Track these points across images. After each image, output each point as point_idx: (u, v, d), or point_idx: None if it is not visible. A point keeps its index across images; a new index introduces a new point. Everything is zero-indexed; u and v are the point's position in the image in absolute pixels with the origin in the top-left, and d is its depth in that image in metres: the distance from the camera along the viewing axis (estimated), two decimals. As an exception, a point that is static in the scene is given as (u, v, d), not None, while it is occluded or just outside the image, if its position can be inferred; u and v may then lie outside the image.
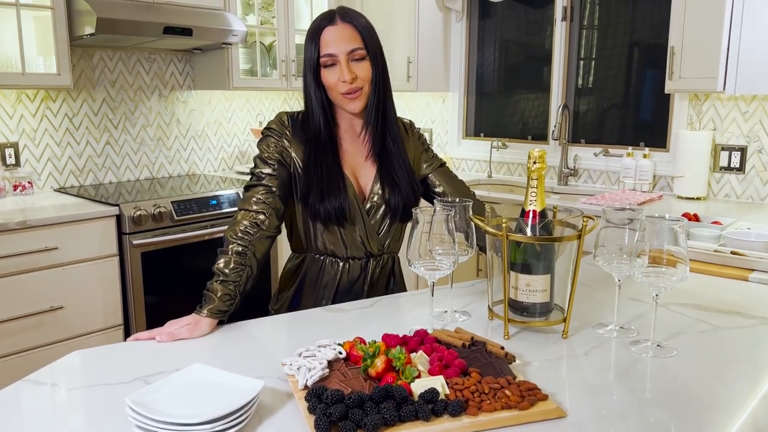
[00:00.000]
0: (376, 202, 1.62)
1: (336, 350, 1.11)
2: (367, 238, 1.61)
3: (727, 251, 1.86)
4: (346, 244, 1.61)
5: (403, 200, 1.60)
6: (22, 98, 3.05)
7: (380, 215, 1.63)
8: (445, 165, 1.78)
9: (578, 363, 1.21)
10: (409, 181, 1.62)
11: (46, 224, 2.56)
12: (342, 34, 1.50)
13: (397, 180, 1.61)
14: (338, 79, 1.51)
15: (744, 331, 1.38)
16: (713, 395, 1.08)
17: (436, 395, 0.97)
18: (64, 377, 1.16)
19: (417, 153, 1.72)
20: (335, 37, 1.50)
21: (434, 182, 1.72)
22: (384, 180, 1.62)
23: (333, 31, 1.51)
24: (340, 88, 1.52)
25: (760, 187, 3.01)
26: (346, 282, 1.64)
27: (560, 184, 3.60)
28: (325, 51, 1.51)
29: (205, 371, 1.05)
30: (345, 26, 1.51)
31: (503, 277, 1.30)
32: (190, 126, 3.72)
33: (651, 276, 1.23)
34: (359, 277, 1.64)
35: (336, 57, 1.50)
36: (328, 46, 1.50)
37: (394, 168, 1.62)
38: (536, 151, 1.30)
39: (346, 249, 1.62)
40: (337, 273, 1.63)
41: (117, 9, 2.84)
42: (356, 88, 1.53)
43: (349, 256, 1.63)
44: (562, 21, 3.61)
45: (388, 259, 1.68)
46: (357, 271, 1.64)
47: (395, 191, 1.61)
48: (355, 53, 1.51)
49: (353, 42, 1.51)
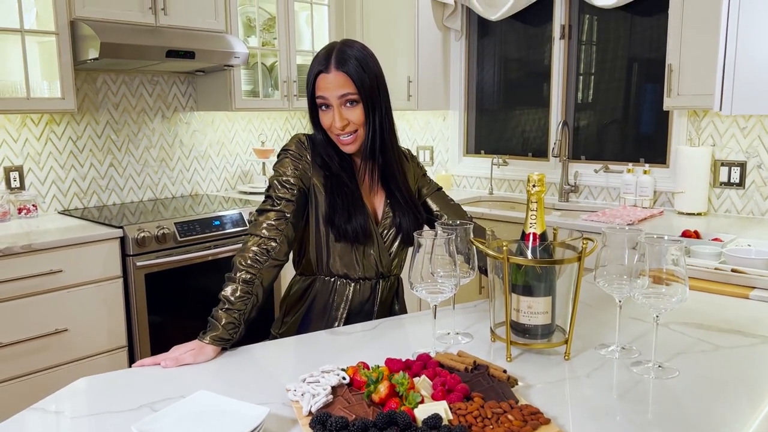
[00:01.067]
0: (387, 225, 1.66)
1: (339, 375, 1.12)
2: (380, 258, 1.65)
3: (728, 269, 1.87)
4: (362, 264, 1.63)
5: (410, 224, 1.65)
6: (26, 122, 3.08)
7: (392, 237, 1.67)
8: (441, 189, 1.83)
9: (580, 384, 1.22)
10: (413, 207, 1.68)
11: (51, 247, 2.58)
12: (334, 82, 1.53)
13: (406, 206, 1.67)
14: (331, 123, 1.56)
15: (744, 350, 1.38)
16: (714, 417, 1.09)
17: (439, 421, 0.98)
18: (70, 405, 1.17)
19: (417, 178, 1.78)
20: (327, 84, 1.53)
21: (432, 206, 1.77)
22: (394, 204, 1.67)
23: (326, 78, 1.54)
24: (333, 131, 1.57)
25: (761, 202, 3.02)
26: (357, 303, 1.66)
27: (561, 201, 3.62)
28: (319, 94, 1.55)
29: (210, 398, 1.06)
30: (338, 74, 1.52)
31: (505, 300, 1.31)
32: (192, 147, 3.76)
33: (651, 297, 1.24)
34: (369, 298, 1.67)
35: (328, 100, 1.55)
36: (322, 90, 1.55)
37: (402, 194, 1.67)
38: (536, 175, 1.31)
39: (360, 270, 1.64)
40: (348, 294, 1.65)
41: (120, 33, 2.88)
42: (349, 132, 1.56)
43: (361, 277, 1.65)
44: (560, 39, 3.65)
45: (394, 280, 1.72)
46: (367, 292, 1.66)
47: (404, 216, 1.66)
48: (347, 97, 1.53)
49: (345, 88, 1.53)
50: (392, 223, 1.66)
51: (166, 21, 3.11)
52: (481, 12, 3.79)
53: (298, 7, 3.85)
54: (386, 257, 1.66)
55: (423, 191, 1.78)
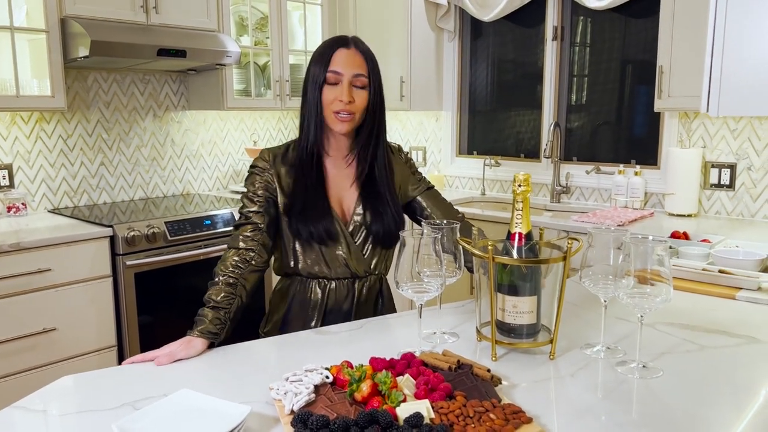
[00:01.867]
0: (357, 224, 1.66)
1: (323, 375, 1.12)
2: (351, 258, 1.65)
3: (715, 270, 1.87)
4: (329, 264, 1.64)
5: (384, 228, 1.65)
6: (16, 120, 3.07)
7: (363, 237, 1.66)
8: (433, 188, 1.82)
9: (564, 384, 1.22)
10: (392, 211, 1.66)
11: (40, 246, 2.57)
12: (353, 59, 1.59)
13: (381, 208, 1.65)
14: (336, 98, 1.57)
15: (729, 350, 1.39)
16: (697, 416, 1.09)
17: (420, 420, 0.98)
18: (54, 403, 1.17)
19: (404, 176, 1.77)
20: (345, 59, 1.58)
21: (421, 205, 1.76)
22: (366, 205, 1.66)
23: (345, 53, 1.58)
24: (334, 106, 1.58)
25: (750, 203, 3.03)
26: (333, 303, 1.66)
27: (553, 202, 3.62)
28: (333, 68, 1.57)
29: (192, 397, 1.05)
30: (357, 53, 1.60)
31: (490, 299, 1.31)
32: (184, 146, 3.75)
33: (635, 297, 1.24)
34: (346, 298, 1.67)
35: (341, 76, 1.57)
36: (337, 64, 1.57)
37: (379, 196, 1.66)
38: (521, 174, 1.31)
39: (330, 270, 1.65)
40: (324, 294, 1.66)
41: (111, 32, 2.87)
42: (349, 111, 1.59)
43: (334, 277, 1.66)
44: (552, 40, 3.65)
45: (375, 280, 1.71)
46: (343, 292, 1.67)
47: (377, 218, 1.65)
48: (359, 79, 1.59)
49: (360, 68, 1.59)
50: (362, 222, 1.66)
51: (158, 19, 3.11)
52: (474, 13, 3.80)
53: (291, 7, 3.85)
54: (358, 258, 1.65)
55: (411, 188, 1.77)
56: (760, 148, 2.98)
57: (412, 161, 1.82)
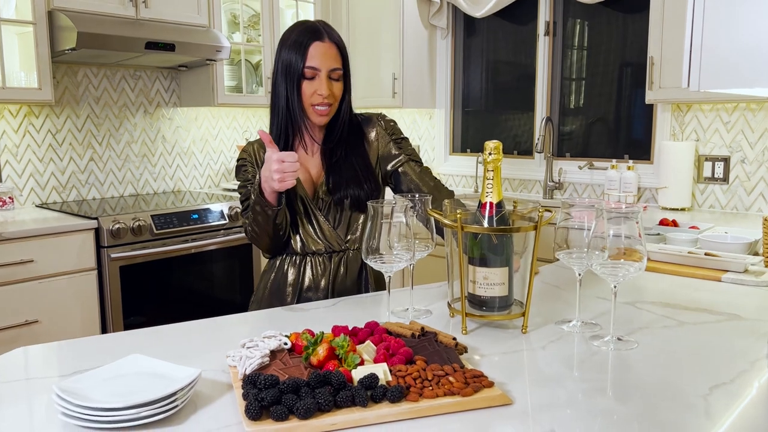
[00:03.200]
0: (325, 196, 1.64)
1: (281, 341, 1.09)
2: (322, 231, 1.64)
3: (701, 253, 1.83)
4: (303, 240, 1.63)
5: (352, 196, 1.63)
6: (4, 114, 3.06)
7: (332, 208, 1.65)
8: (414, 162, 1.74)
9: (534, 355, 1.18)
10: (361, 177, 1.64)
11: (22, 237, 2.54)
12: (328, 53, 1.59)
13: (349, 177, 1.63)
14: (315, 91, 1.59)
15: (709, 326, 1.34)
16: (667, 384, 1.05)
17: (375, 381, 0.94)
18: (2, 372, 1.13)
19: (384, 145, 1.72)
20: (321, 54, 1.58)
21: (405, 178, 1.71)
22: (334, 176, 1.64)
23: (321, 47, 1.59)
24: (313, 100, 1.60)
25: (744, 197, 2.99)
26: (309, 280, 1.64)
27: (545, 198, 3.58)
28: (311, 64, 1.58)
29: (143, 361, 1.02)
30: (332, 46, 1.60)
31: (459, 269, 1.28)
32: (176, 143, 3.73)
33: (608, 266, 1.20)
34: (323, 274, 1.64)
35: (319, 72, 1.58)
36: (314, 59, 1.58)
37: (347, 165, 1.65)
38: (491, 143, 1.28)
39: (304, 246, 1.64)
40: (300, 271, 1.65)
41: (98, 24, 2.86)
42: (328, 103, 1.61)
43: (309, 252, 1.64)
44: (544, 36, 3.63)
45: (355, 255, 1.67)
46: (319, 268, 1.65)
47: (345, 187, 1.63)
48: (335, 72, 1.60)
49: (336, 61, 1.61)
50: (330, 192, 1.64)
51: (147, 14, 3.10)
52: (466, 9, 3.78)
53: (283, 4, 3.85)
54: (330, 230, 1.65)
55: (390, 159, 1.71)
56: (753, 141, 2.94)
57: (396, 129, 1.76)
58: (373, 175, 1.66)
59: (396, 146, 1.72)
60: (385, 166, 1.71)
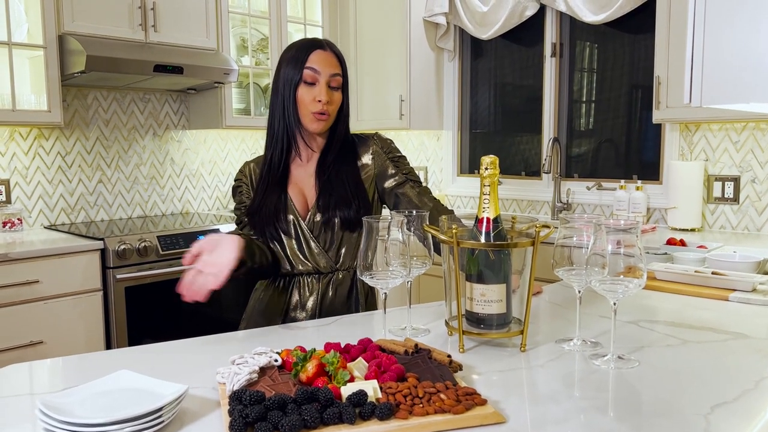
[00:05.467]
0: (316, 217, 1.63)
1: (271, 357, 1.07)
2: (311, 253, 1.63)
3: (708, 272, 1.79)
4: (291, 261, 1.64)
5: (343, 218, 1.61)
6: (14, 136, 3.10)
7: (322, 230, 1.64)
8: (413, 182, 1.72)
9: (532, 374, 1.15)
10: (350, 197, 1.62)
11: (28, 257, 2.55)
12: (328, 59, 1.62)
13: (341, 199, 1.62)
14: (314, 98, 1.59)
15: (714, 345, 1.31)
16: (668, 403, 1.02)
17: (364, 398, 0.92)
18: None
19: (380, 164, 1.70)
20: (322, 60, 1.61)
21: (404, 199, 1.69)
22: (326, 196, 1.63)
23: (321, 54, 1.61)
24: (312, 107, 1.60)
25: (756, 217, 2.94)
26: (296, 299, 1.64)
27: (554, 218, 3.56)
28: (310, 65, 1.59)
29: (129, 377, 1.01)
30: (331, 54, 1.63)
31: (455, 285, 1.26)
32: (184, 165, 3.75)
33: (607, 283, 1.18)
34: (311, 294, 1.63)
35: (319, 75, 1.59)
36: (315, 63, 1.59)
37: (340, 185, 1.63)
38: (488, 158, 1.27)
39: (292, 266, 1.64)
40: (288, 291, 1.65)
41: (108, 48, 2.90)
42: (326, 111, 1.60)
43: (297, 273, 1.64)
44: (551, 57, 3.63)
45: (345, 276, 1.65)
46: (306, 289, 1.64)
47: (335, 208, 1.62)
48: (335, 79, 1.61)
49: (336, 68, 1.62)
50: (321, 213, 1.63)
51: (156, 38, 3.14)
52: (472, 31, 3.80)
53: (292, 28, 3.89)
54: (319, 252, 1.63)
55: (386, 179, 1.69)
56: (763, 160, 2.91)
57: (392, 147, 1.74)
58: (363, 193, 1.64)
59: (393, 165, 1.71)
60: (382, 183, 1.69)
